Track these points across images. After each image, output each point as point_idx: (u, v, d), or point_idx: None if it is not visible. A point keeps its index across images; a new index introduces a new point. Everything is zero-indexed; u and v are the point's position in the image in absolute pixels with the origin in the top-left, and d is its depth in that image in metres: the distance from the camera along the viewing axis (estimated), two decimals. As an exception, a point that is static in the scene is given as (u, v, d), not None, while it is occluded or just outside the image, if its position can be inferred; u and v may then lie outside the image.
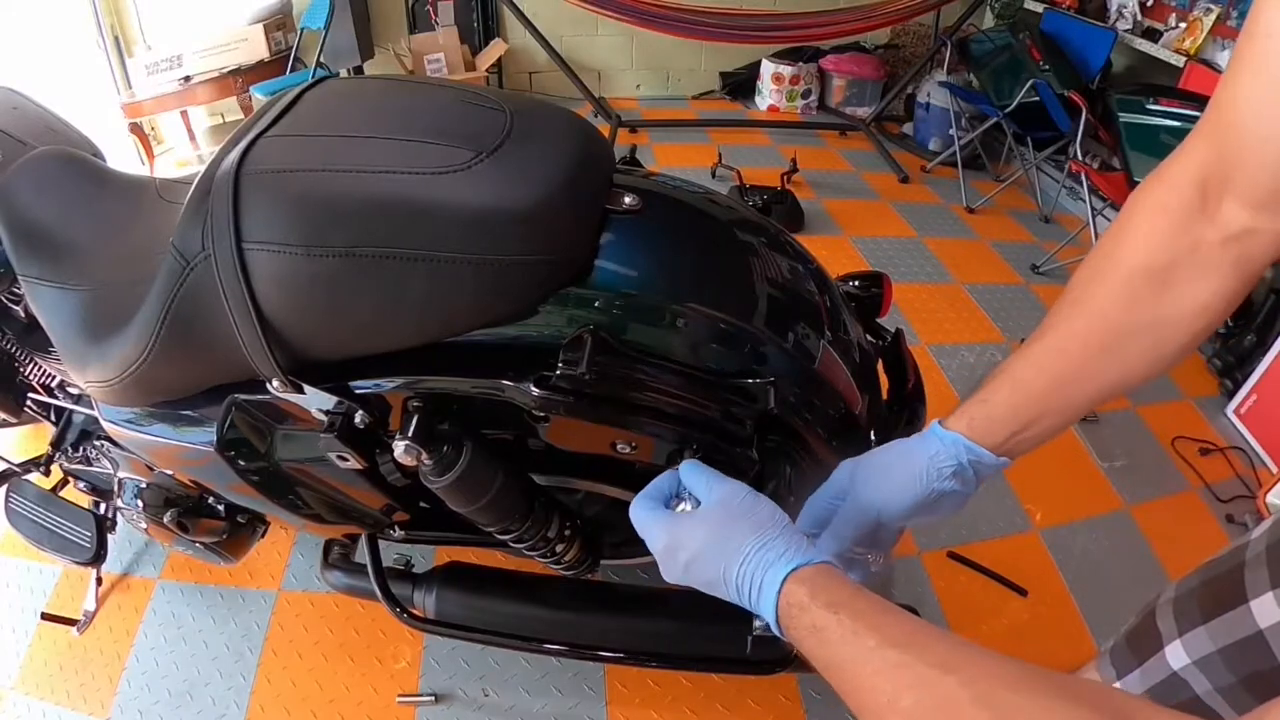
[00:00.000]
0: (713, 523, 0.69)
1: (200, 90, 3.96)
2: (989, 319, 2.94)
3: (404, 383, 0.91)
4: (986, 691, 0.47)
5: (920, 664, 0.51)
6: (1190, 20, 3.28)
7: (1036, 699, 0.46)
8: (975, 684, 0.48)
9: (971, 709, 0.47)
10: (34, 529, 1.57)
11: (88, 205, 1.20)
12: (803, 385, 0.94)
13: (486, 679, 1.58)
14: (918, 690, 0.50)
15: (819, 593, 0.60)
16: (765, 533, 0.65)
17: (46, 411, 1.65)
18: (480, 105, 0.87)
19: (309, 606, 1.73)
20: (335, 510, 1.18)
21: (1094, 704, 0.45)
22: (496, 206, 0.77)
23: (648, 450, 0.98)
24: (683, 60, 5.16)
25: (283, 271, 0.79)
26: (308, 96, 0.94)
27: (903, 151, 4.44)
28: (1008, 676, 0.48)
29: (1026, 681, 0.47)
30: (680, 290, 0.88)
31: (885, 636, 0.54)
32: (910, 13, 4.25)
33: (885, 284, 1.23)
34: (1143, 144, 2.91)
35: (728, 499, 0.70)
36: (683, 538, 0.69)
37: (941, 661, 0.50)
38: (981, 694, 0.47)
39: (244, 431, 1.02)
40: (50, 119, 1.46)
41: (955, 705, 0.48)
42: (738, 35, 4.24)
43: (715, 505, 0.71)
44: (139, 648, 1.64)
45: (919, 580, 1.83)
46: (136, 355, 0.93)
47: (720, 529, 0.68)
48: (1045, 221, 3.78)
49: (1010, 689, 0.47)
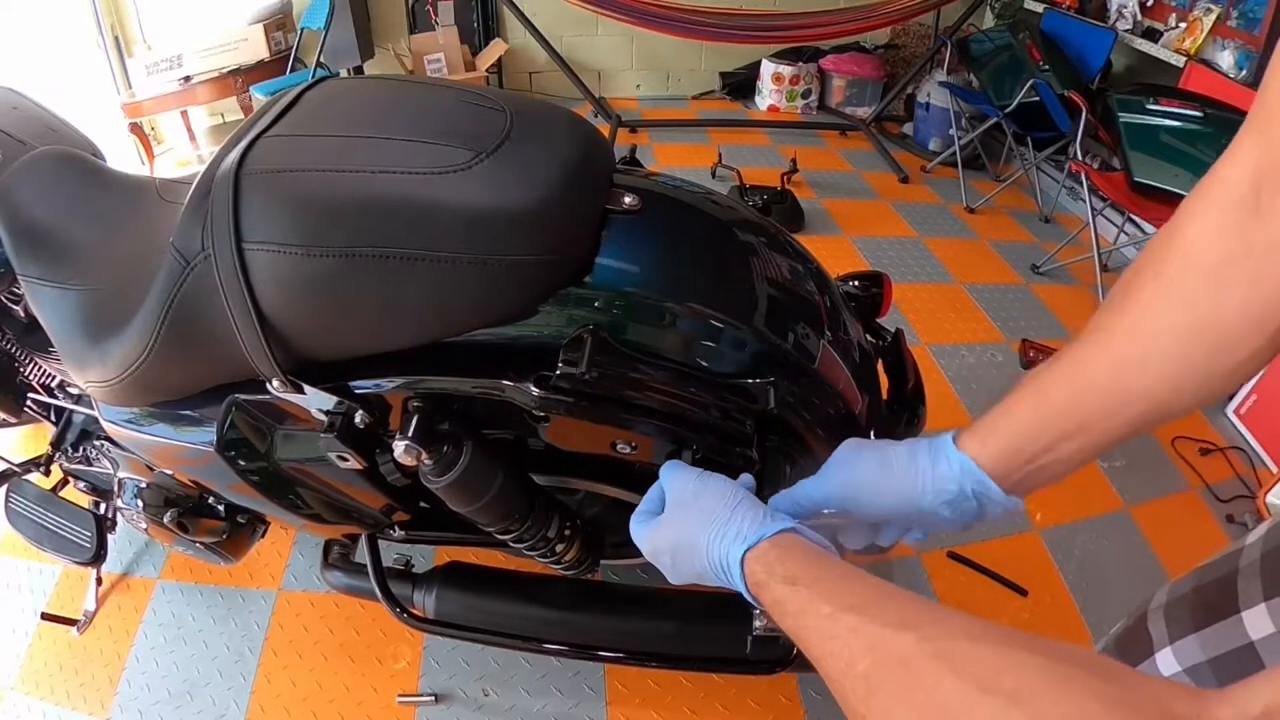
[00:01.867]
0: (673, 520, 0.71)
1: (200, 90, 3.96)
2: (989, 319, 2.94)
3: (404, 383, 0.91)
4: (946, 646, 0.45)
5: (875, 625, 0.49)
6: (1190, 20, 3.28)
7: (998, 649, 0.44)
8: (934, 639, 0.46)
9: (929, 663, 0.45)
10: (34, 529, 1.58)
11: (88, 205, 1.20)
12: (803, 385, 0.94)
13: (486, 679, 1.58)
14: (874, 651, 0.48)
15: (775, 566, 0.60)
16: (715, 516, 0.66)
17: (46, 411, 1.65)
18: (480, 105, 0.87)
19: (309, 606, 1.73)
20: (335, 510, 1.18)
21: (1054, 654, 0.42)
22: (497, 206, 0.77)
23: (648, 450, 0.98)
24: (683, 60, 5.16)
25: (282, 271, 0.79)
26: (308, 97, 0.94)
27: (903, 151, 4.44)
28: (968, 629, 0.46)
29: (987, 634, 0.45)
30: (680, 290, 0.88)
31: (841, 603, 0.52)
32: (910, 13, 4.25)
33: (885, 284, 1.23)
34: (1143, 144, 2.91)
35: (679, 493, 0.72)
36: (658, 543, 0.72)
37: (898, 620, 0.49)
38: (940, 648, 0.45)
39: (244, 431, 1.02)
40: (50, 119, 1.46)
41: (913, 661, 0.46)
42: (738, 35, 4.24)
43: (671, 503, 0.73)
44: (139, 648, 1.64)
45: (918, 580, 1.83)
46: (136, 355, 0.94)
47: (680, 525, 0.70)
48: (1045, 221, 3.78)
49: (970, 640, 0.45)
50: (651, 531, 0.74)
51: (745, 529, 0.64)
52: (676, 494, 0.73)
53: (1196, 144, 2.79)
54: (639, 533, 0.76)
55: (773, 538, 0.63)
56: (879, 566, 1.85)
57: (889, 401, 1.19)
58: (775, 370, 0.90)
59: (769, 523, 0.64)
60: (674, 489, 0.74)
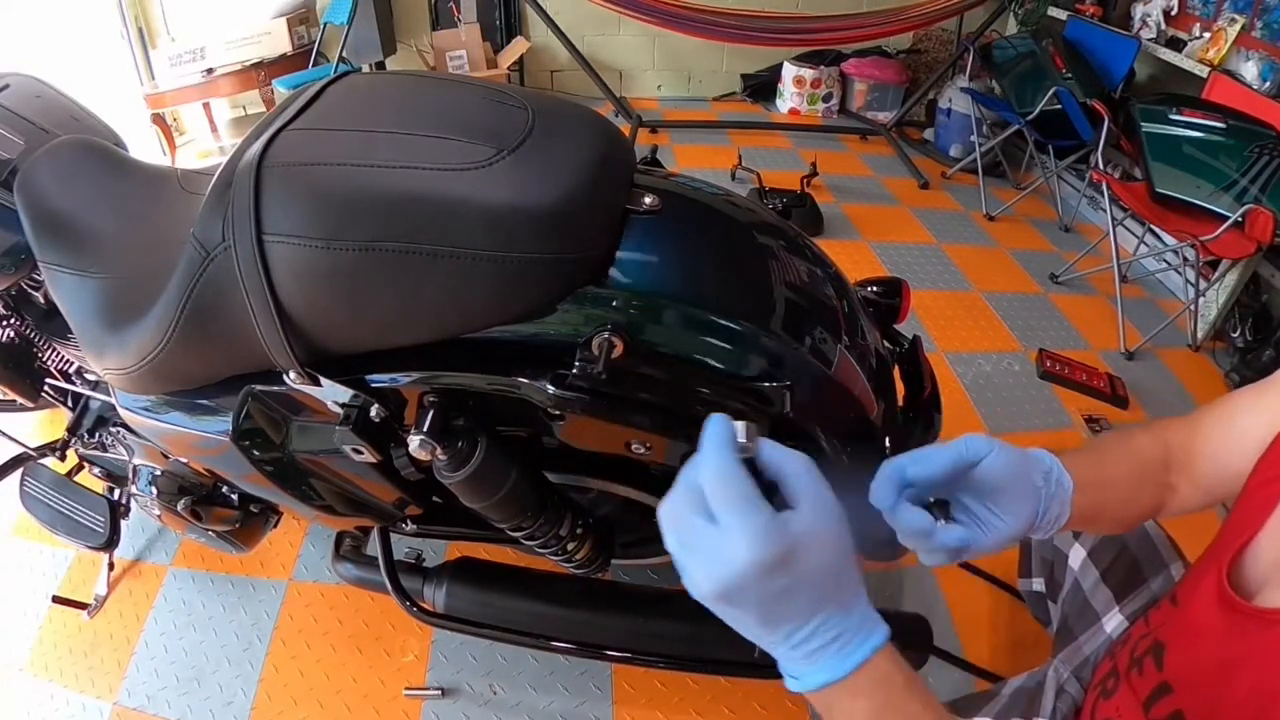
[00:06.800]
0: (831, 552, 0.53)
1: (223, 82, 3.98)
2: (1006, 328, 2.92)
3: (420, 378, 0.91)
4: None
5: None
6: (1214, 30, 3.25)
7: None
8: None
9: None
10: (48, 513, 1.59)
11: (109, 194, 1.21)
12: (818, 390, 0.93)
13: (493, 674, 1.59)
14: None
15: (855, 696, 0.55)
16: (860, 585, 0.55)
17: (64, 397, 1.67)
18: (502, 103, 0.88)
19: (319, 597, 1.73)
20: (348, 502, 1.19)
21: None
22: (517, 204, 0.77)
23: (662, 451, 0.98)
24: (704, 61, 5.15)
25: (302, 264, 0.79)
26: (330, 91, 0.94)
27: (923, 157, 4.42)
28: None
29: None
30: (698, 292, 0.88)
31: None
32: (933, 18, 4.23)
33: (904, 290, 1.22)
34: (1165, 154, 2.89)
35: (841, 522, 0.55)
36: (800, 557, 0.51)
37: None
38: None
39: (259, 422, 1.02)
40: (73, 108, 1.47)
41: None
42: (760, 37, 4.22)
43: (838, 525, 0.55)
44: (149, 633, 1.65)
45: (928, 589, 1.82)
46: (155, 344, 0.94)
47: (836, 563, 0.53)
48: (1065, 231, 3.76)
49: None
50: (784, 527, 0.51)
51: (872, 625, 0.55)
52: (838, 514, 0.55)
53: (1219, 155, 2.76)
54: (744, 507, 0.50)
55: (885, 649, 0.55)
56: (889, 576, 1.85)
57: (905, 408, 1.18)
58: (791, 374, 0.90)
59: (874, 628, 0.55)
60: (833, 504, 0.55)
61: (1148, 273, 3.40)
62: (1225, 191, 2.70)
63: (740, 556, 0.49)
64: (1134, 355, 2.83)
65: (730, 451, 0.53)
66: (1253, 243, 2.54)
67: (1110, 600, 1.11)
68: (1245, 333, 2.84)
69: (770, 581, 0.50)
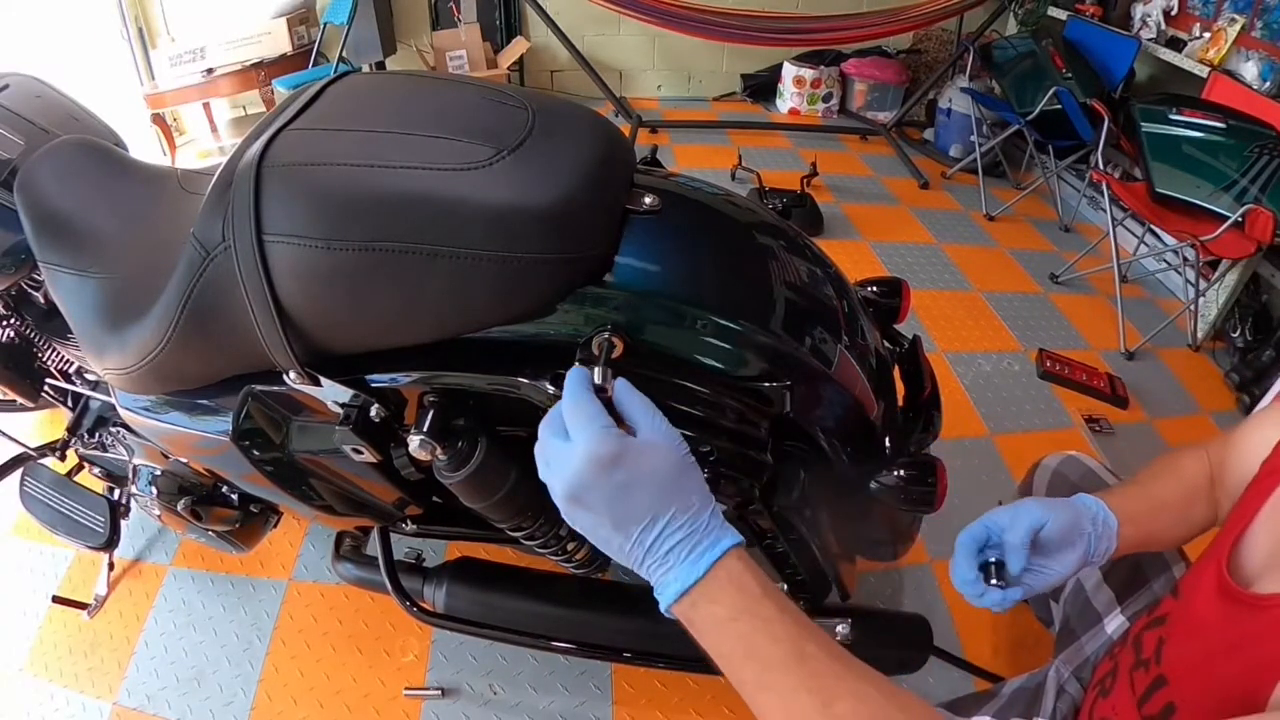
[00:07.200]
0: (666, 460, 0.61)
1: (223, 82, 3.98)
2: (1007, 328, 2.93)
3: (420, 378, 0.91)
4: None
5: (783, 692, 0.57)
6: (1215, 30, 3.25)
7: None
8: None
9: None
10: (48, 513, 1.59)
11: (109, 194, 1.21)
12: (818, 390, 0.93)
13: (493, 675, 1.59)
14: None
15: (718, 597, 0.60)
16: (707, 496, 0.62)
17: (64, 397, 1.67)
18: (502, 103, 0.87)
19: (319, 597, 1.73)
20: (348, 502, 1.19)
21: None
22: (518, 204, 0.77)
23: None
24: (704, 61, 5.15)
25: (302, 264, 0.79)
26: (330, 91, 0.94)
27: (923, 157, 4.42)
28: None
29: None
30: (698, 291, 0.88)
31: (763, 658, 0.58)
32: (933, 17, 4.23)
33: (904, 290, 1.22)
34: (1165, 154, 2.90)
35: (679, 443, 0.63)
36: (632, 459, 0.59)
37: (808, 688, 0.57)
38: None
39: (259, 422, 1.02)
40: (73, 108, 1.47)
41: None
42: (760, 37, 4.22)
43: (674, 443, 0.62)
44: (149, 633, 1.65)
45: (929, 589, 1.82)
46: (155, 343, 0.94)
47: (672, 470, 0.61)
48: (1065, 231, 3.77)
49: None
50: (622, 438, 0.60)
51: (722, 530, 0.61)
52: (676, 439, 0.63)
53: (1219, 155, 2.77)
54: (588, 411, 0.61)
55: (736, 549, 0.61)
56: (889, 576, 1.85)
57: (905, 408, 1.18)
58: (791, 374, 0.89)
59: (724, 533, 0.62)
60: (669, 431, 0.63)
61: (1148, 273, 3.40)
62: (1225, 191, 2.71)
63: (579, 453, 0.59)
64: (1134, 355, 2.83)
65: (586, 388, 0.63)
66: (1253, 243, 2.54)
67: (1112, 601, 1.12)
68: (1245, 333, 2.84)
69: (608, 477, 0.59)
